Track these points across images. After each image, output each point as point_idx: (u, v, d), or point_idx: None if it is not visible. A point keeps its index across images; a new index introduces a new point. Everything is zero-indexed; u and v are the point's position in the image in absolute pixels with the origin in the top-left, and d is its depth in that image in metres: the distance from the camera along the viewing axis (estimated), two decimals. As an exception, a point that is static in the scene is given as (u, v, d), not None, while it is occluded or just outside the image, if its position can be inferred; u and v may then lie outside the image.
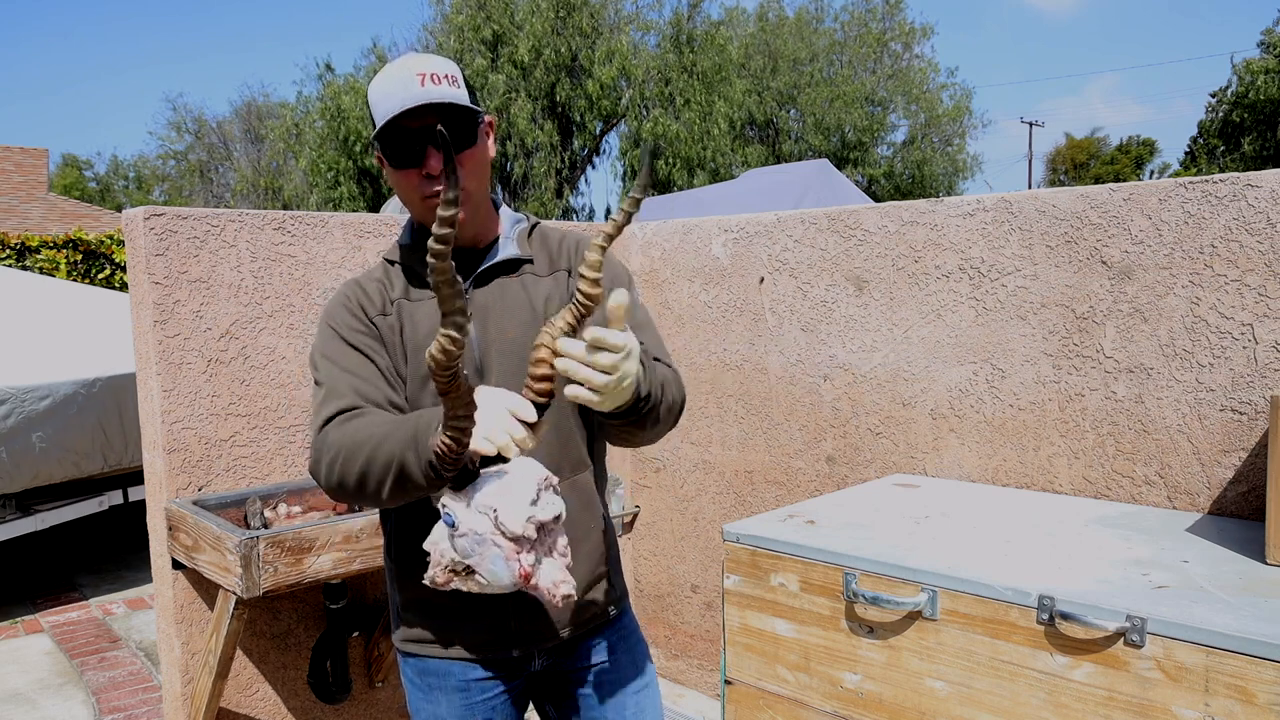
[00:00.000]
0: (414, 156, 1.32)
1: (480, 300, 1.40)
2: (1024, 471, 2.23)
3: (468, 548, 1.12)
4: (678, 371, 1.40)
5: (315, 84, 24.13)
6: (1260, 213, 1.86)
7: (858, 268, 2.54)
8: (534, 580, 1.13)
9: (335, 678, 2.56)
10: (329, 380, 1.34)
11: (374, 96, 1.34)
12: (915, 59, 24.18)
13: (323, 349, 1.38)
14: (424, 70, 1.31)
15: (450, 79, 1.33)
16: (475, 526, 1.11)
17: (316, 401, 1.34)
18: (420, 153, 1.31)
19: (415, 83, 1.30)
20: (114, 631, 4.05)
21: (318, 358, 1.38)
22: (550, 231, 1.50)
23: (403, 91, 1.30)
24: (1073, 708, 1.41)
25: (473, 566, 1.13)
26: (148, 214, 2.30)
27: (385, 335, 1.39)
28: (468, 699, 1.44)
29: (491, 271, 1.42)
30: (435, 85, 1.31)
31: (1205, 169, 26.37)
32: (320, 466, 1.27)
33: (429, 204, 1.34)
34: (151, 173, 33.73)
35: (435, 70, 1.32)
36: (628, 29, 20.76)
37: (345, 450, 1.23)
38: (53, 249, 9.29)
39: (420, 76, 1.30)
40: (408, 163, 1.33)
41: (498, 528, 1.10)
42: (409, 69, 1.32)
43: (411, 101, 1.29)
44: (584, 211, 22.06)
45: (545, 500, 1.13)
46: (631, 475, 3.27)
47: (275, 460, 2.52)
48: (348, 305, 1.41)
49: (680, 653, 3.18)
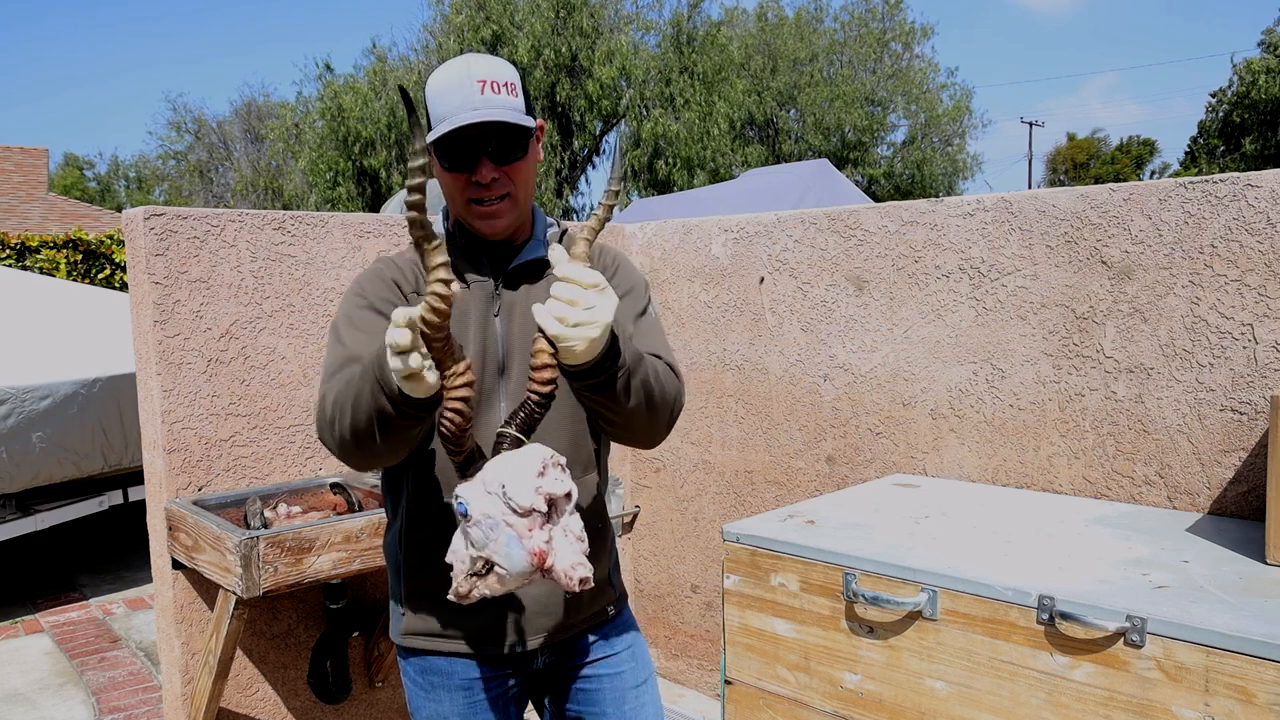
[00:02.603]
0: (467, 163, 1.34)
1: (508, 300, 1.43)
2: (1024, 471, 2.23)
3: (482, 536, 1.12)
4: (679, 372, 1.39)
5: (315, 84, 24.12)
6: (1260, 213, 1.86)
7: (858, 268, 2.54)
8: (549, 562, 1.12)
9: (335, 678, 2.56)
10: (348, 342, 1.34)
11: (431, 93, 1.35)
12: (915, 59, 24.18)
13: (348, 313, 1.38)
14: (485, 77, 1.32)
15: (509, 87, 1.34)
16: (487, 510, 1.11)
17: (330, 362, 1.33)
18: (473, 160, 1.33)
19: (475, 90, 1.31)
20: (114, 631, 4.05)
21: (341, 320, 1.38)
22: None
23: (462, 97, 1.31)
24: (1073, 708, 1.41)
25: (488, 557, 1.12)
26: (148, 214, 2.30)
27: None
28: (469, 697, 1.45)
29: (519, 273, 1.44)
30: (495, 94, 1.32)
31: (1205, 169, 26.37)
32: (324, 430, 1.27)
33: (474, 209, 1.36)
34: (152, 173, 33.76)
35: (495, 78, 1.32)
36: (628, 29, 20.76)
37: (338, 405, 1.22)
38: (53, 249, 9.29)
39: (481, 84, 1.31)
40: (459, 168, 1.34)
41: (507, 504, 1.10)
42: (470, 73, 1.32)
43: (472, 115, 1.29)
44: (584, 211, 22.06)
45: (553, 475, 1.13)
46: (631, 475, 3.27)
47: (275, 460, 2.52)
48: (381, 277, 1.42)
49: (680, 653, 3.18)
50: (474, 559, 1.14)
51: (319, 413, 1.28)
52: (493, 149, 1.32)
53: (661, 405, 1.30)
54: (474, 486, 1.13)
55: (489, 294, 1.42)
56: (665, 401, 1.31)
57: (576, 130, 20.79)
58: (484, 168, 1.33)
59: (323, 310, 2.58)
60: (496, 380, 1.40)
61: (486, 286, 1.42)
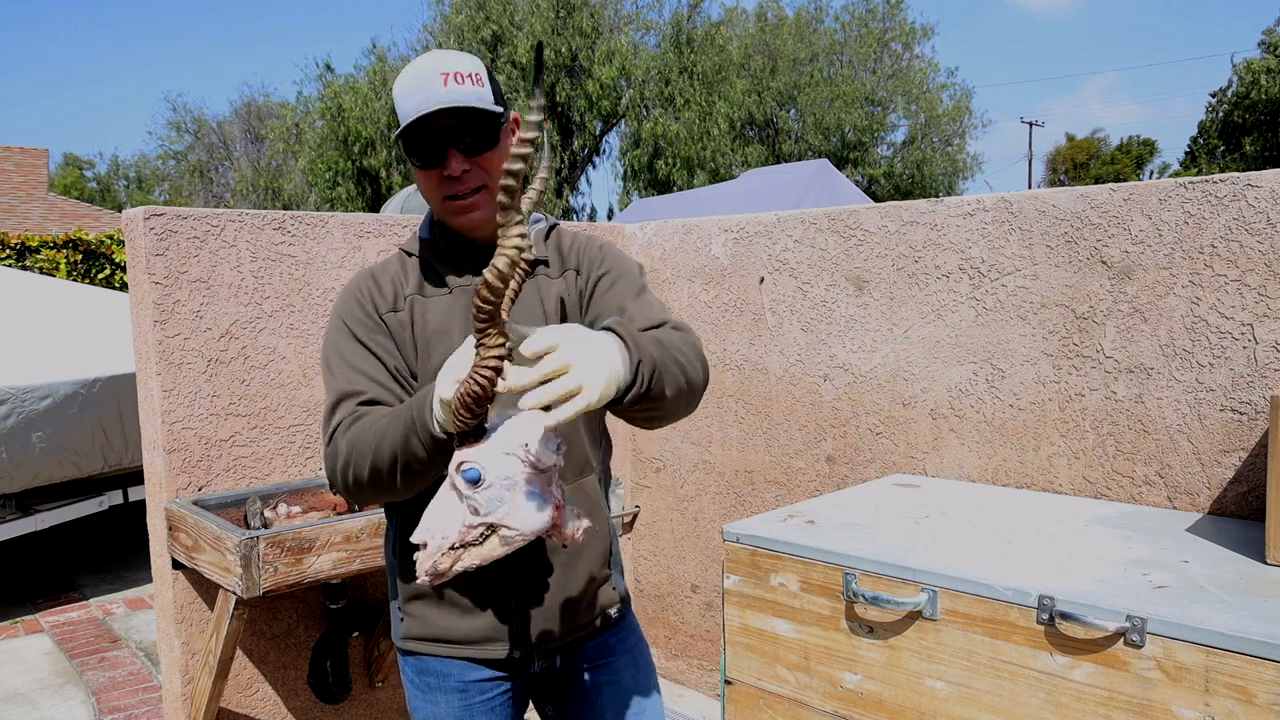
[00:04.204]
0: (435, 157, 1.32)
1: None
2: (1024, 471, 2.23)
3: (493, 499, 1.09)
4: (686, 327, 1.33)
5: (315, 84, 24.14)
6: (1260, 213, 1.86)
7: (858, 268, 2.54)
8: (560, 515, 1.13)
9: (335, 678, 2.56)
10: (339, 380, 1.35)
11: (397, 94, 1.33)
12: (915, 59, 24.18)
13: (335, 344, 1.39)
14: (447, 69, 1.30)
15: (474, 77, 1.32)
16: (506, 471, 1.09)
17: (327, 403, 1.36)
18: (441, 154, 1.31)
19: (438, 82, 1.29)
20: (114, 631, 4.05)
21: (330, 353, 1.39)
22: (565, 233, 1.50)
23: (425, 91, 1.29)
24: (1073, 708, 1.41)
25: (498, 521, 1.10)
26: (148, 214, 2.30)
27: (395, 331, 1.39)
28: (467, 699, 1.44)
29: None
30: (458, 85, 1.29)
31: (1205, 169, 26.37)
32: (335, 475, 1.29)
33: (449, 205, 1.34)
34: (152, 173, 33.76)
35: (459, 69, 1.31)
36: (628, 29, 20.77)
37: (355, 453, 1.24)
38: (53, 249, 9.29)
39: (444, 76, 1.29)
40: (429, 163, 1.33)
41: (529, 463, 1.09)
42: (432, 67, 1.31)
43: (431, 105, 1.28)
44: (584, 211, 22.07)
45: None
46: (631, 475, 3.27)
47: (275, 460, 2.52)
48: (359, 299, 1.41)
49: (680, 653, 3.18)
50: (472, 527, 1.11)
51: (329, 453, 1.30)
52: (461, 141, 1.30)
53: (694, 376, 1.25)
54: (486, 451, 1.10)
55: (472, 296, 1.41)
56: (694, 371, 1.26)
57: (576, 130, 20.80)
58: (453, 160, 1.31)
59: (323, 310, 2.58)
60: None
61: (470, 289, 1.40)
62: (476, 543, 1.11)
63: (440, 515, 1.13)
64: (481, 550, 1.11)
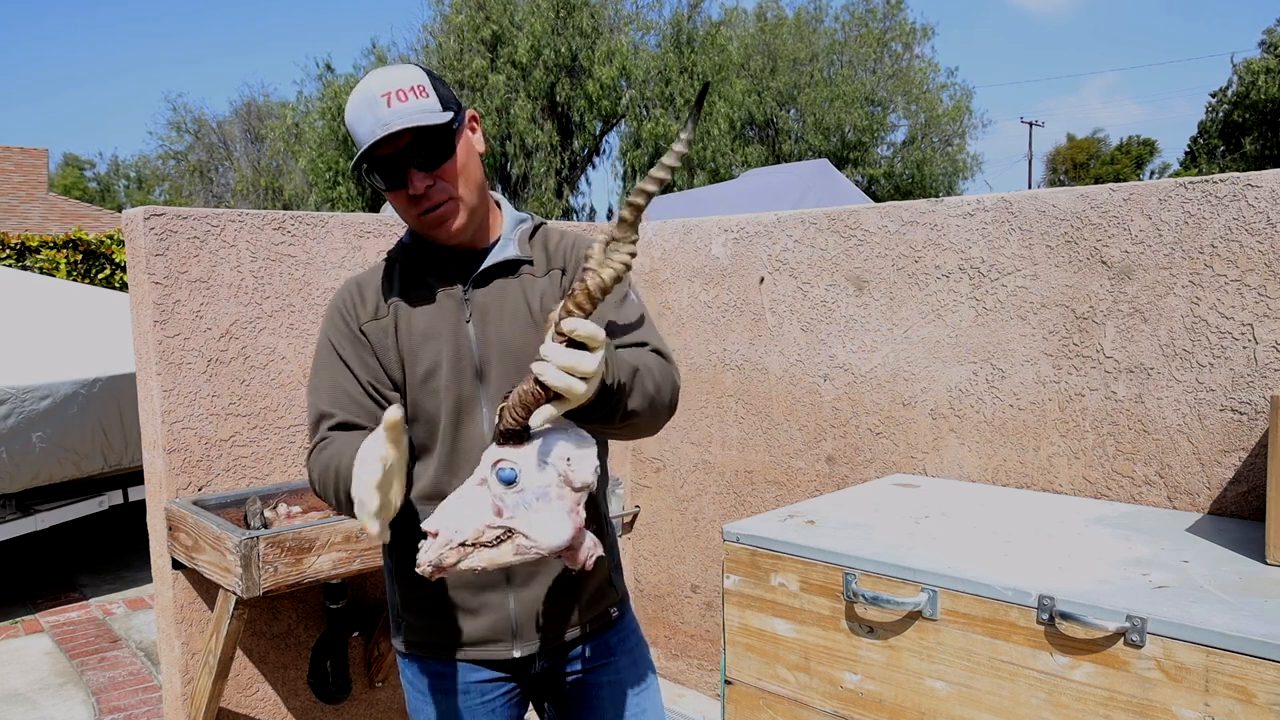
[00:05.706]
0: (397, 179, 1.32)
1: (480, 301, 1.39)
2: (1024, 471, 2.23)
3: (520, 504, 1.08)
4: (669, 356, 1.35)
5: (315, 84, 24.11)
6: (1260, 213, 1.86)
7: (858, 268, 2.54)
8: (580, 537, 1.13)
9: (335, 678, 2.56)
10: (317, 398, 1.41)
11: (349, 121, 1.33)
12: (915, 59, 24.18)
13: (318, 357, 1.44)
14: (388, 89, 1.29)
15: (417, 90, 1.31)
16: (541, 480, 1.08)
17: (308, 418, 1.42)
18: (402, 175, 1.31)
19: (381, 105, 1.28)
20: (114, 631, 4.05)
21: (315, 365, 1.45)
22: (552, 232, 1.49)
23: (371, 115, 1.28)
24: (1073, 708, 1.41)
25: (519, 528, 1.09)
26: (148, 214, 2.30)
27: (376, 340, 1.39)
28: (467, 701, 1.44)
29: (490, 273, 1.41)
30: (401, 102, 1.29)
31: (1205, 169, 26.37)
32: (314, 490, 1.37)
33: (423, 220, 1.35)
34: (152, 173, 33.74)
35: (399, 85, 1.30)
36: (628, 29, 20.77)
37: (320, 482, 1.33)
38: (53, 249, 9.29)
39: (385, 97, 1.28)
40: (395, 185, 1.33)
41: (567, 480, 1.09)
42: (375, 90, 1.30)
43: (380, 130, 1.27)
44: (584, 211, 22.07)
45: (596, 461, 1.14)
46: (631, 475, 3.27)
47: (275, 460, 2.52)
48: (342, 311, 1.42)
49: (680, 653, 3.18)
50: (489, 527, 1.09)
51: (309, 474, 1.37)
52: (416, 158, 1.30)
53: (659, 404, 1.27)
54: (527, 456, 1.09)
55: (458, 300, 1.39)
56: (662, 399, 1.27)
57: (576, 130, 20.79)
58: (414, 179, 1.31)
59: (322, 310, 2.58)
60: (476, 387, 1.38)
61: (455, 293, 1.40)
62: (490, 544, 1.10)
63: (460, 509, 1.10)
64: (492, 553, 1.10)
